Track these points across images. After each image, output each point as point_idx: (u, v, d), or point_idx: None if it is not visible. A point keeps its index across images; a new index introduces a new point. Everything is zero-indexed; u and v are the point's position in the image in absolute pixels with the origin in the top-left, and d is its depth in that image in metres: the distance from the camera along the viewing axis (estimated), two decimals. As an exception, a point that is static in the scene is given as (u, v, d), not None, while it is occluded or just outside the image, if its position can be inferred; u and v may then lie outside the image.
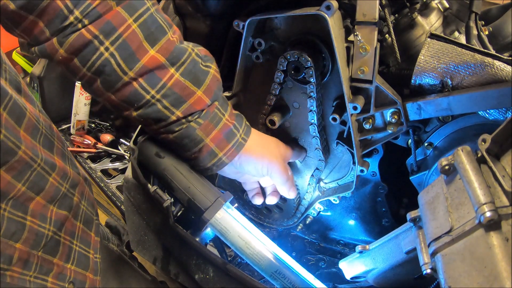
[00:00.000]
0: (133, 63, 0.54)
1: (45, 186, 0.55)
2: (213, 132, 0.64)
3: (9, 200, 0.50)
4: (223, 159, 0.67)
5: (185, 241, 0.67)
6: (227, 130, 0.66)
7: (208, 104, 0.62)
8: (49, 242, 0.57)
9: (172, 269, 0.72)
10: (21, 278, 0.53)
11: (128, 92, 0.56)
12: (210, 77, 0.62)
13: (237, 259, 1.04)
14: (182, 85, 0.58)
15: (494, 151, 0.44)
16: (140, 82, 0.56)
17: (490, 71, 0.60)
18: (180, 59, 0.58)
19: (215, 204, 0.66)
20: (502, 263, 0.37)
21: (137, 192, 0.72)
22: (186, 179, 0.68)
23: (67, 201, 0.61)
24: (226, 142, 0.66)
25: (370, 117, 0.72)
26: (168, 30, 0.58)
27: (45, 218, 0.56)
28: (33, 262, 0.54)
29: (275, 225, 0.99)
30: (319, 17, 0.65)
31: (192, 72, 0.59)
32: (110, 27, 0.52)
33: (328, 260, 1.00)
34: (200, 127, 0.62)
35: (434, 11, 0.82)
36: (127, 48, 0.53)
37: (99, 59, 0.53)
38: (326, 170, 0.87)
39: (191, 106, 0.60)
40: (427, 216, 0.50)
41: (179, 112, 0.60)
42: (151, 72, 0.56)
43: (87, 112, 1.69)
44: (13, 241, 0.51)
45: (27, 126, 0.53)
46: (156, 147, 0.70)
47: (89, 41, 0.52)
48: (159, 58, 0.56)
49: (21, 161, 0.51)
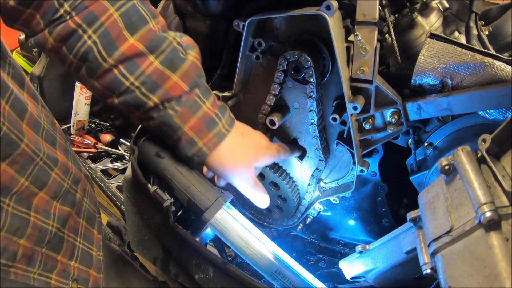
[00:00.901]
0: (113, 51, 0.56)
1: (47, 181, 0.56)
2: (192, 120, 0.63)
3: (13, 195, 0.50)
4: (204, 149, 0.65)
5: (185, 241, 0.67)
6: (208, 119, 0.64)
7: (186, 90, 0.62)
8: (52, 238, 0.57)
9: (172, 269, 0.72)
10: (25, 275, 0.53)
11: (109, 79, 0.58)
12: (188, 63, 0.62)
13: (237, 259, 1.04)
14: (160, 72, 0.59)
15: (494, 151, 0.44)
16: (120, 69, 0.57)
17: (490, 71, 0.60)
18: (159, 47, 0.59)
19: (215, 204, 0.66)
20: (502, 263, 0.37)
21: (137, 192, 0.72)
22: (186, 179, 0.68)
23: (70, 197, 0.61)
24: (206, 131, 0.64)
25: (370, 117, 0.72)
26: (150, 20, 0.59)
27: (49, 214, 0.56)
28: (37, 259, 0.54)
29: (275, 225, 0.99)
30: (319, 17, 0.65)
31: (169, 58, 0.60)
32: (93, 16, 0.55)
33: (328, 260, 1.00)
34: (177, 114, 0.62)
35: (434, 11, 0.82)
36: (108, 36, 0.56)
37: (83, 46, 0.56)
38: (326, 170, 0.87)
39: (167, 91, 0.60)
40: (427, 216, 0.50)
41: (156, 98, 0.60)
42: (131, 59, 0.57)
43: (87, 112, 1.69)
44: (17, 237, 0.51)
45: (29, 120, 0.54)
46: (156, 147, 0.70)
47: (73, 30, 0.55)
48: (138, 46, 0.57)
49: (24, 154, 0.51)
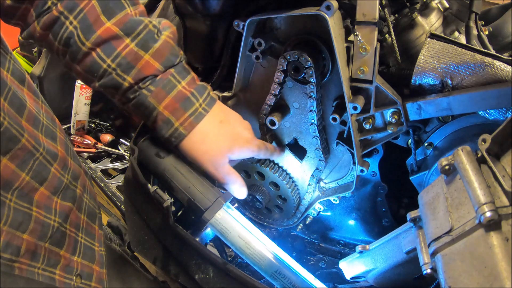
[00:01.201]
0: (90, 34, 0.59)
1: (47, 176, 0.56)
2: (166, 100, 0.63)
3: (15, 190, 0.51)
4: (180, 129, 0.65)
5: (185, 241, 0.67)
6: (183, 98, 0.64)
7: (159, 69, 0.62)
8: (55, 233, 0.57)
9: (172, 269, 0.72)
10: (30, 270, 0.53)
11: (88, 62, 0.60)
12: (161, 42, 0.62)
13: (237, 259, 1.04)
14: (134, 53, 0.61)
15: (494, 151, 0.44)
16: (98, 52, 0.60)
17: (490, 71, 0.60)
18: (135, 30, 0.61)
19: (215, 204, 0.66)
20: (502, 263, 0.37)
21: (137, 192, 0.72)
22: (186, 179, 0.68)
23: (70, 193, 0.62)
24: (182, 111, 0.64)
25: (370, 117, 0.72)
26: (128, 6, 0.61)
27: (50, 209, 0.57)
28: (40, 253, 0.55)
29: (275, 225, 0.99)
30: (319, 17, 0.65)
31: (145, 40, 0.61)
32: (73, 3, 0.58)
33: (328, 260, 1.00)
34: (152, 94, 0.63)
35: (434, 11, 0.82)
36: (86, 21, 0.58)
37: (65, 32, 0.59)
38: (326, 170, 0.87)
39: (140, 71, 0.61)
40: (427, 216, 0.50)
41: (130, 78, 0.61)
42: (107, 42, 0.59)
43: (87, 112, 1.69)
44: (20, 232, 0.51)
45: (28, 117, 0.54)
46: (156, 147, 0.70)
47: (56, 17, 0.58)
48: (113, 29, 0.59)
49: (24, 149, 0.52)
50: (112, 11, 0.59)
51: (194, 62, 0.96)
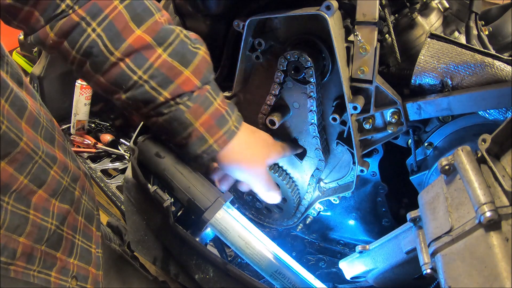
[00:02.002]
0: (119, 43, 0.55)
1: (46, 179, 0.56)
2: (203, 116, 0.62)
3: (12, 193, 0.51)
4: (214, 146, 0.64)
5: (185, 241, 0.67)
6: (219, 115, 0.63)
7: (198, 86, 0.60)
8: (52, 236, 0.57)
9: (172, 269, 0.72)
10: (25, 273, 0.53)
11: (115, 73, 0.56)
12: (199, 58, 0.60)
13: (237, 259, 1.04)
14: (170, 65, 0.58)
15: (494, 151, 0.44)
16: (127, 62, 0.56)
17: (490, 71, 0.60)
18: (167, 39, 0.57)
19: (215, 204, 0.67)
20: (502, 263, 0.37)
21: (137, 192, 0.73)
22: (186, 179, 0.68)
23: (68, 195, 0.61)
24: (217, 128, 0.63)
25: (370, 117, 0.72)
26: (155, 12, 0.58)
27: (48, 212, 0.56)
28: (36, 256, 0.55)
29: (275, 225, 0.99)
30: (319, 17, 0.65)
31: (180, 52, 0.59)
32: (97, 9, 0.53)
33: (328, 260, 1.00)
34: (189, 110, 0.61)
35: (434, 11, 0.82)
36: (113, 29, 0.54)
37: (86, 40, 0.54)
38: (326, 170, 0.87)
39: (179, 86, 0.59)
40: (427, 216, 0.50)
41: (167, 93, 0.59)
42: (138, 52, 0.56)
43: (87, 112, 1.69)
44: (17, 235, 0.51)
45: (29, 118, 0.54)
46: (156, 147, 0.70)
47: (76, 23, 0.53)
48: (145, 38, 0.56)
49: (22, 152, 0.51)
50: (141, 18, 0.56)
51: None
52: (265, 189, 0.73)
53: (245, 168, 0.69)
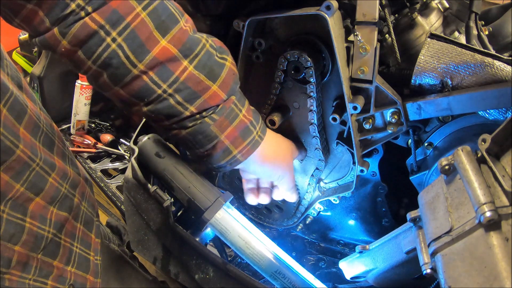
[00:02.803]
0: (143, 55, 0.50)
1: (44, 186, 0.54)
2: (228, 129, 0.60)
3: (8, 201, 0.49)
4: (238, 157, 0.63)
5: (185, 241, 0.67)
6: (244, 127, 0.62)
7: (224, 99, 0.58)
8: (49, 244, 0.56)
9: (172, 269, 0.72)
10: (20, 281, 0.52)
11: (138, 86, 0.53)
12: (226, 71, 0.58)
13: (237, 259, 1.04)
14: (197, 79, 0.55)
15: (494, 151, 0.44)
16: (151, 75, 0.52)
17: (490, 71, 0.60)
18: (193, 51, 0.54)
19: (215, 204, 0.67)
20: (502, 263, 0.37)
21: (137, 192, 0.72)
22: (186, 179, 0.68)
23: (67, 202, 0.60)
24: (241, 139, 0.62)
25: (370, 117, 0.72)
26: (180, 18, 0.53)
27: (45, 219, 0.55)
28: (32, 265, 0.54)
29: (275, 225, 0.99)
30: (319, 17, 0.65)
31: (207, 65, 0.56)
32: (117, 16, 0.48)
33: (328, 260, 1.00)
34: (215, 123, 0.59)
35: (434, 11, 0.82)
36: (136, 39, 0.49)
37: (105, 51, 0.49)
38: (326, 170, 0.87)
39: (206, 101, 0.56)
40: (427, 216, 0.50)
41: (193, 107, 0.56)
42: (163, 64, 0.52)
43: (87, 112, 1.69)
44: (12, 244, 0.50)
45: (28, 123, 0.52)
46: (156, 147, 0.70)
47: (94, 32, 0.48)
48: (171, 50, 0.52)
49: (19, 160, 0.49)
50: (166, 26, 0.51)
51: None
52: (291, 187, 0.77)
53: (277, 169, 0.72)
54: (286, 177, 0.74)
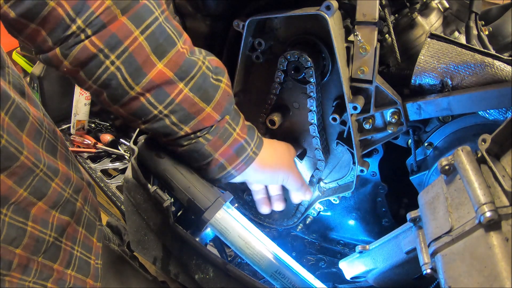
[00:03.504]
0: (140, 78, 0.52)
1: (47, 191, 0.55)
2: (222, 148, 0.63)
3: (10, 205, 0.50)
4: (232, 172, 0.66)
5: (185, 241, 0.67)
6: (237, 145, 0.65)
7: (218, 119, 0.61)
8: (49, 248, 0.57)
9: (172, 269, 0.72)
10: (20, 284, 0.52)
11: (135, 106, 0.55)
12: (221, 92, 0.60)
13: (237, 259, 1.04)
14: (191, 101, 0.56)
15: (494, 151, 0.44)
16: (147, 97, 0.54)
17: (490, 71, 0.60)
18: (189, 74, 0.56)
19: (215, 204, 0.66)
20: (502, 263, 0.37)
21: (137, 192, 0.72)
22: (186, 179, 0.68)
23: (70, 206, 0.61)
24: (235, 156, 0.65)
25: (370, 117, 0.72)
26: (177, 40, 0.54)
27: (47, 223, 0.56)
28: (32, 267, 0.54)
29: (275, 225, 0.99)
30: (319, 17, 0.65)
31: (202, 87, 0.57)
32: (116, 40, 0.49)
33: (328, 260, 1.00)
34: (209, 143, 0.62)
35: (434, 11, 0.82)
36: (134, 62, 0.51)
37: (104, 73, 0.51)
38: (326, 170, 0.87)
39: (200, 122, 0.59)
40: (427, 216, 0.50)
41: (188, 128, 0.59)
42: (159, 87, 0.54)
43: (87, 112, 1.69)
44: (13, 247, 0.51)
45: (30, 130, 0.53)
46: (156, 147, 0.70)
47: (94, 55, 0.49)
48: (167, 73, 0.53)
49: (23, 166, 0.50)
50: (163, 49, 0.52)
51: (194, 62, 0.96)
52: (299, 185, 0.77)
53: (278, 171, 0.72)
54: (290, 177, 0.74)
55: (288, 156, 0.77)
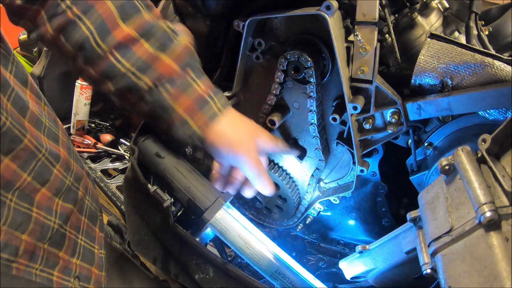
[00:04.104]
0: (108, 37, 0.59)
1: (49, 177, 0.56)
2: (184, 100, 0.63)
3: (16, 191, 0.51)
4: (196, 130, 0.65)
5: (185, 241, 0.67)
6: (200, 99, 0.65)
7: (178, 71, 0.63)
8: (54, 235, 0.57)
9: (172, 269, 0.72)
10: (27, 271, 0.53)
11: (104, 65, 0.60)
12: (180, 46, 0.64)
13: (237, 259, 1.04)
14: (151, 54, 0.61)
15: (494, 151, 0.44)
16: (115, 54, 0.60)
17: (490, 71, 0.60)
18: (150, 32, 0.62)
19: (215, 204, 0.66)
20: (502, 263, 0.37)
21: (137, 192, 0.72)
22: (186, 179, 0.68)
23: (72, 194, 0.62)
24: (198, 111, 0.64)
25: (370, 117, 0.72)
26: (143, 10, 0.62)
27: (51, 210, 0.57)
28: (39, 254, 0.55)
29: (275, 225, 0.99)
30: (319, 17, 0.65)
31: (163, 43, 0.62)
32: (89, 6, 0.59)
33: (328, 260, 1.00)
34: (170, 95, 0.63)
35: (434, 11, 0.82)
36: (103, 24, 0.59)
37: (80, 35, 0.59)
38: (326, 170, 0.87)
39: (160, 73, 0.62)
40: (427, 216, 0.50)
41: (147, 78, 0.62)
42: (125, 45, 0.60)
43: (87, 112, 1.69)
44: (19, 232, 0.52)
45: (31, 118, 0.55)
46: (156, 147, 0.70)
47: (71, 20, 0.58)
48: (130, 33, 0.60)
49: (26, 149, 0.52)
50: (128, 15, 0.60)
51: (194, 62, 0.96)
52: (254, 173, 0.69)
53: (232, 150, 0.68)
54: (245, 160, 0.68)
55: (252, 137, 0.70)
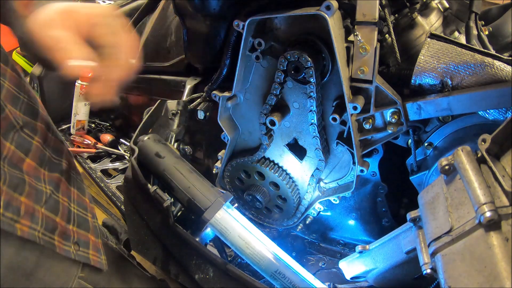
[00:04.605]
0: None
1: (30, 147, 0.58)
2: None
3: (4, 159, 0.53)
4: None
5: (185, 241, 0.67)
6: None
7: None
8: (49, 199, 0.59)
9: (172, 269, 0.72)
10: (31, 233, 0.55)
11: None
12: None
13: (237, 259, 1.04)
14: None
15: (494, 151, 0.44)
16: None
17: (490, 71, 0.60)
18: None
19: (215, 204, 0.67)
20: (502, 263, 0.37)
21: (137, 192, 0.72)
22: (186, 179, 0.68)
23: (55, 166, 0.63)
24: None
25: (370, 117, 0.72)
26: None
27: (40, 179, 0.58)
28: (38, 216, 0.56)
29: (275, 225, 0.99)
30: (319, 17, 0.65)
31: None
32: None
33: (328, 260, 1.00)
34: None
35: (434, 11, 0.82)
36: None
37: None
38: (326, 170, 0.87)
39: None
40: (427, 216, 0.50)
41: None
42: None
43: (87, 112, 1.69)
44: (18, 194, 0.53)
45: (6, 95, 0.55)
46: (156, 147, 0.70)
47: None
48: None
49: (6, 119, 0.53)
50: None
51: (194, 62, 0.96)
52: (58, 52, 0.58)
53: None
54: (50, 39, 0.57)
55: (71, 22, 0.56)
